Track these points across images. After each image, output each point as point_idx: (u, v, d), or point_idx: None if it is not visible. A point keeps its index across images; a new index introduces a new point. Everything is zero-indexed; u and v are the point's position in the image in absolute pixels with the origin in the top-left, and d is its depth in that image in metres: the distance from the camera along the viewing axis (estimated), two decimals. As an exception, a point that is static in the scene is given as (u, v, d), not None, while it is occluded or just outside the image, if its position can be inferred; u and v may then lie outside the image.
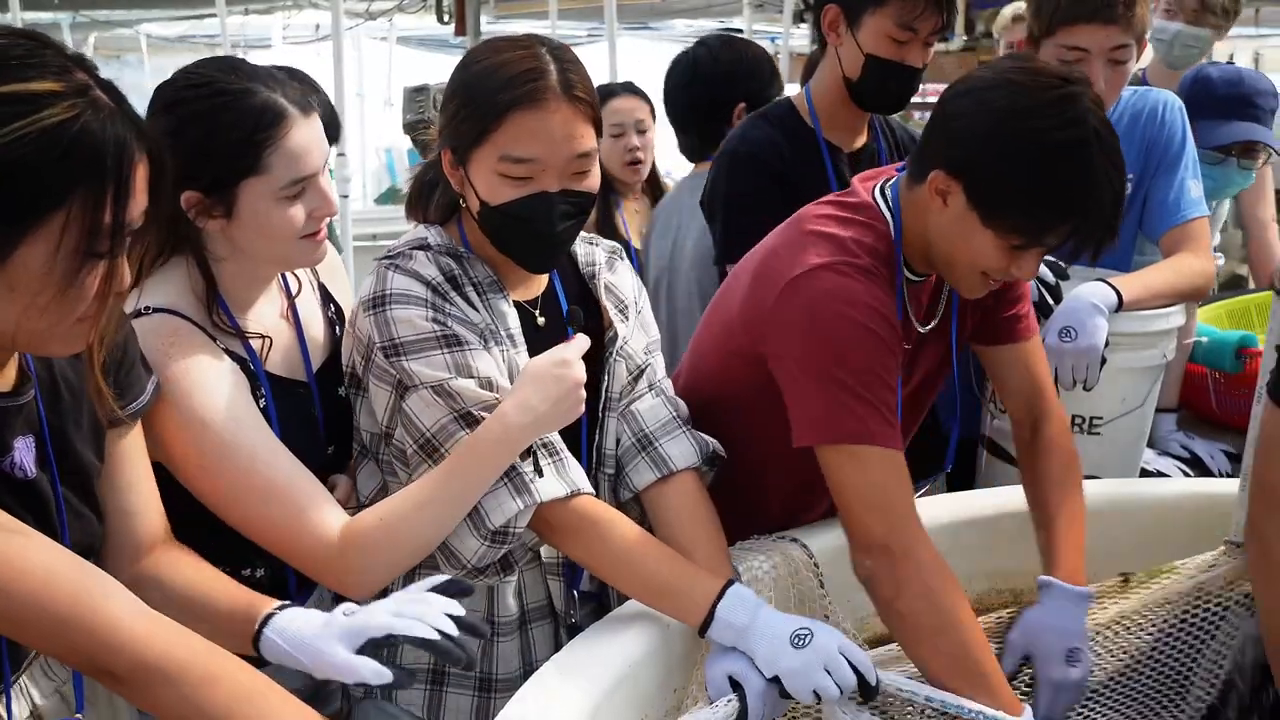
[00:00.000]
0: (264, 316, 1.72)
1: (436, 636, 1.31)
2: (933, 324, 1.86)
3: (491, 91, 1.59)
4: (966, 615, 1.65)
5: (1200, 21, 3.15)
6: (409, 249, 1.67)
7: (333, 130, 3.17)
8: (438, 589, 1.39)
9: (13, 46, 1.16)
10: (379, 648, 1.33)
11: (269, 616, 1.38)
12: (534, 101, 1.57)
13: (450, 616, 1.35)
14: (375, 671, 1.29)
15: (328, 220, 1.67)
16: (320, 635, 1.34)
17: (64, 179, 1.14)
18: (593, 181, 1.66)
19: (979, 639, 1.65)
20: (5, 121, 1.11)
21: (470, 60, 1.66)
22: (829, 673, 1.51)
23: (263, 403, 1.64)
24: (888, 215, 1.76)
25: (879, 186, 1.81)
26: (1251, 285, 3.56)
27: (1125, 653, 1.88)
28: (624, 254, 1.89)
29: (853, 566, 1.71)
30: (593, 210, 1.73)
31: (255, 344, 1.67)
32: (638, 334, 1.82)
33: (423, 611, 1.34)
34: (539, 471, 1.59)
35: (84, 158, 1.14)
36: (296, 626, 1.37)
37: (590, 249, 1.84)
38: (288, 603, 1.43)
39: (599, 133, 1.65)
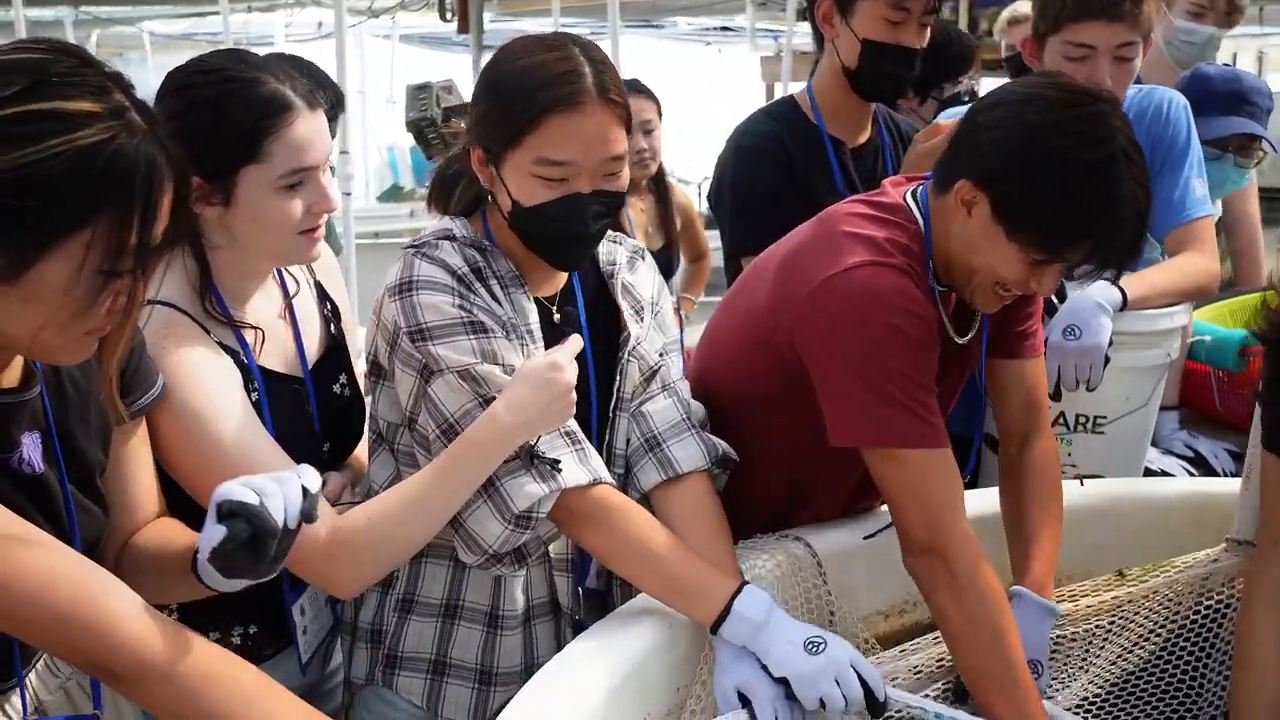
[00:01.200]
0: (258, 311, 1.71)
1: (255, 501, 1.25)
2: (968, 337, 1.84)
3: (527, 93, 1.58)
4: (991, 622, 1.64)
5: (1231, 22, 3.13)
6: (435, 239, 1.67)
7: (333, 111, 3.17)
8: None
9: (55, 62, 1.17)
10: (230, 514, 1.26)
11: None
12: (571, 105, 1.57)
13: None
14: (215, 529, 1.25)
15: (326, 218, 1.66)
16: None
17: (93, 199, 1.14)
18: (623, 181, 1.66)
19: (1001, 647, 1.64)
20: (42, 138, 1.12)
21: (503, 59, 1.65)
22: (838, 684, 1.52)
23: (255, 396, 1.64)
24: (919, 217, 1.76)
25: (911, 191, 1.80)
26: (1238, 283, 3.54)
27: (1135, 655, 1.87)
28: (646, 254, 1.89)
29: (902, 560, 1.73)
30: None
31: (247, 335, 1.66)
32: (653, 335, 1.82)
33: (269, 490, 1.27)
34: (556, 468, 1.59)
35: (115, 179, 1.15)
36: None
37: (613, 248, 1.84)
38: None
39: (629, 133, 1.65)
